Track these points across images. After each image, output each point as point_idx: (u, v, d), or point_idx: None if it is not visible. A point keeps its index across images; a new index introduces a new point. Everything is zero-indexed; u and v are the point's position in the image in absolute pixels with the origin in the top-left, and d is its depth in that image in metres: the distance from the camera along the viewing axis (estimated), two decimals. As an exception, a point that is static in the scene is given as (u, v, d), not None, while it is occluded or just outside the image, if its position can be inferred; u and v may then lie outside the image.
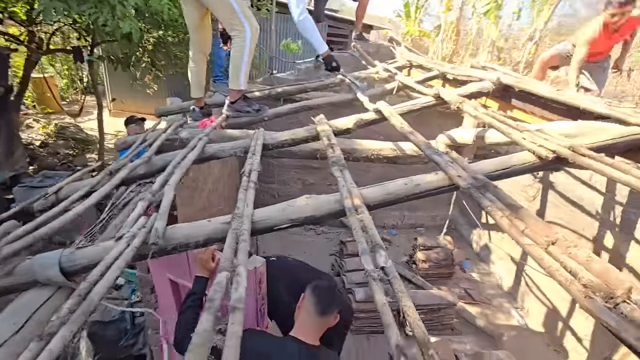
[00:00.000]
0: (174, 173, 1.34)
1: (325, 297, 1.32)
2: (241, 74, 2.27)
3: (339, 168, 1.22)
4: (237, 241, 0.87)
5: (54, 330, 0.64)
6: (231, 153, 1.76)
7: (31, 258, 0.97)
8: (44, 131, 7.03)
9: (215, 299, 0.67)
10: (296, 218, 1.02)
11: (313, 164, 4.63)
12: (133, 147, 2.01)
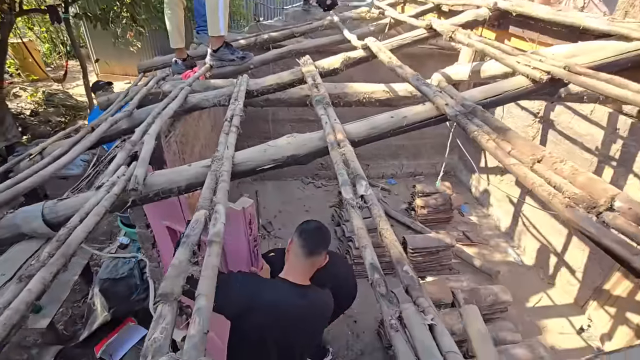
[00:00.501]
0: (155, 122, 1.29)
1: (312, 238, 1.34)
2: (219, 19, 2.12)
3: (323, 106, 1.17)
4: (216, 182, 0.85)
5: (33, 273, 0.64)
6: (215, 102, 1.69)
7: (13, 212, 0.96)
8: (33, 99, 6.83)
9: (191, 234, 0.66)
10: (278, 158, 0.99)
11: (309, 117, 4.52)
12: (115, 103, 1.94)
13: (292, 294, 1.32)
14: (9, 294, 0.60)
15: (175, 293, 0.52)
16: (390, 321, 0.42)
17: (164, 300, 0.51)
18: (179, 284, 0.54)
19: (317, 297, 1.41)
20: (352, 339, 2.77)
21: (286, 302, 1.29)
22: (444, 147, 4.96)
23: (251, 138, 4.48)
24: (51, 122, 6.02)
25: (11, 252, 0.94)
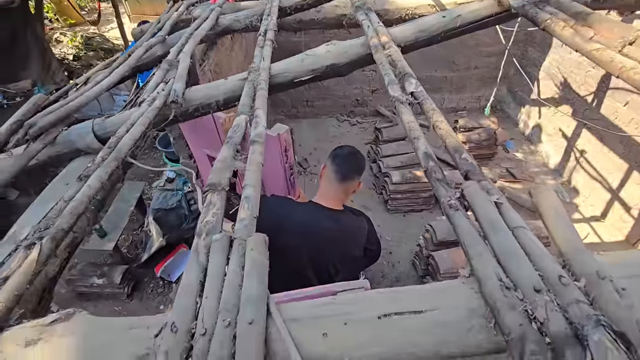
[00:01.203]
0: (188, 42, 1.25)
1: (345, 163, 1.31)
2: None
3: (364, 11, 1.05)
4: (254, 91, 0.82)
5: (90, 173, 0.68)
6: (247, 23, 1.61)
7: (67, 129, 1.01)
8: (73, 44, 7.00)
9: (233, 136, 0.65)
10: (317, 68, 0.93)
11: (343, 49, 4.24)
12: (148, 32, 1.90)
13: (323, 216, 1.32)
14: (72, 191, 0.64)
15: (223, 183, 0.52)
16: (449, 201, 0.40)
17: (213, 190, 0.51)
18: (225, 176, 0.54)
19: (349, 222, 1.42)
20: (387, 268, 2.87)
21: (316, 224, 1.30)
22: (491, 79, 4.54)
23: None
24: (92, 66, 6.19)
25: (71, 166, 1.00)
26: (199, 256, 0.41)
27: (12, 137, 0.89)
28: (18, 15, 4.47)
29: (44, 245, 0.51)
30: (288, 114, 4.74)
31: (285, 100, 4.63)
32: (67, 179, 0.95)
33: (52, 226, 0.56)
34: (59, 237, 0.53)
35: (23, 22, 4.57)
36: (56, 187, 0.92)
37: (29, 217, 0.84)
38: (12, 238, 0.79)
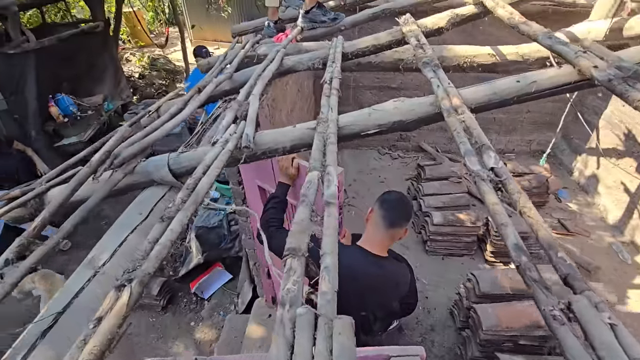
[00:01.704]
0: (257, 84, 1.33)
1: (394, 210, 1.30)
2: None
3: (432, 68, 1.07)
4: (324, 144, 0.85)
5: (172, 215, 0.73)
6: (309, 65, 1.69)
7: (145, 160, 1.10)
8: (140, 64, 7.70)
9: (308, 194, 0.67)
10: (384, 123, 0.95)
11: (392, 84, 4.31)
12: (216, 66, 2.06)
13: (368, 261, 1.31)
14: (156, 232, 0.69)
15: (303, 249, 0.54)
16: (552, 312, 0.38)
17: (293, 255, 0.52)
18: (304, 240, 0.55)
19: (392, 269, 1.39)
20: (422, 314, 2.74)
21: (360, 269, 1.29)
22: (545, 123, 4.37)
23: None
24: (154, 85, 6.75)
25: (144, 195, 1.08)
26: (285, 330, 0.42)
27: (101, 165, 0.98)
28: (100, 38, 5.02)
29: (133, 289, 0.55)
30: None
31: (329, 130, 4.72)
32: (141, 208, 1.03)
33: (139, 268, 0.60)
34: (146, 280, 0.57)
35: (103, 43, 5.11)
36: (131, 216, 0.99)
37: (106, 243, 0.91)
38: (92, 263, 0.85)
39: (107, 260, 0.85)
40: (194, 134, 1.49)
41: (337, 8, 2.86)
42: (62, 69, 4.27)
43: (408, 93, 4.36)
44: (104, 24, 4.95)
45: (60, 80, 4.31)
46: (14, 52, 3.50)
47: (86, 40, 4.66)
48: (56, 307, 0.74)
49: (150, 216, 1.01)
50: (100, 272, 0.82)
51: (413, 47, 1.29)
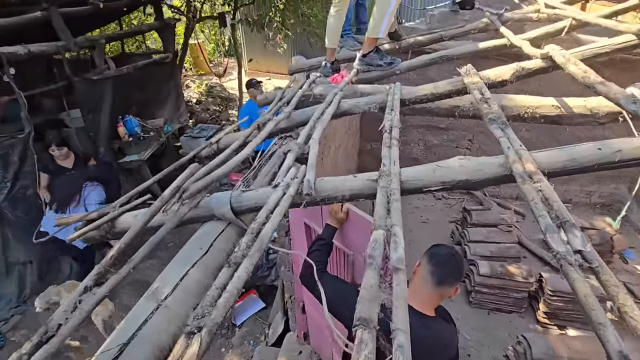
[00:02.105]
0: (316, 127, 1.38)
1: (443, 266, 1.22)
2: (384, 22, 2.12)
3: (499, 126, 1.05)
4: (388, 200, 0.84)
5: (238, 261, 0.75)
6: (365, 109, 1.72)
7: (209, 196, 1.16)
8: (198, 90, 8.35)
9: (374, 255, 0.66)
10: (448, 181, 0.93)
11: (439, 124, 4.26)
12: (274, 103, 2.17)
13: (415, 322, 1.23)
14: (223, 277, 0.71)
15: (374, 320, 0.52)
16: None
17: (364, 326, 0.51)
18: (375, 310, 0.54)
19: (441, 331, 1.30)
20: (464, 375, 2.52)
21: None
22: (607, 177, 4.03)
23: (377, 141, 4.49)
24: (209, 110, 7.24)
25: (204, 229, 1.13)
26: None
27: (171, 199, 1.05)
28: (168, 67, 5.53)
29: (203, 338, 0.56)
30: (372, 178, 4.79)
31: (371, 166, 4.72)
32: (201, 243, 1.07)
33: (208, 316, 0.61)
34: (214, 330, 0.58)
35: (170, 72, 5.62)
36: (192, 250, 1.04)
37: (169, 276, 0.95)
38: (155, 295, 0.89)
39: (169, 293, 0.88)
40: (251, 169, 1.56)
41: (391, 51, 2.94)
42: (133, 93, 4.73)
43: (456, 134, 4.28)
44: (173, 55, 5.47)
45: (130, 104, 4.77)
46: (97, 78, 3.95)
47: (156, 69, 5.16)
48: (121, 338, 0.77)
49: (210, 251, 1.05)
50: (163, 305, 0.85)
51: (477, 100, 1.27)
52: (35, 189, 3.18)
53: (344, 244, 1.55)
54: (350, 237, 1.50)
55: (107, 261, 0.84)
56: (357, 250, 1.51)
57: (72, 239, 1.15)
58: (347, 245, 1.54)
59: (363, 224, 1.39)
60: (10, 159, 3.00)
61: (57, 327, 0.71)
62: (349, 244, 1.53)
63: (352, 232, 1.48)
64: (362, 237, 1.44)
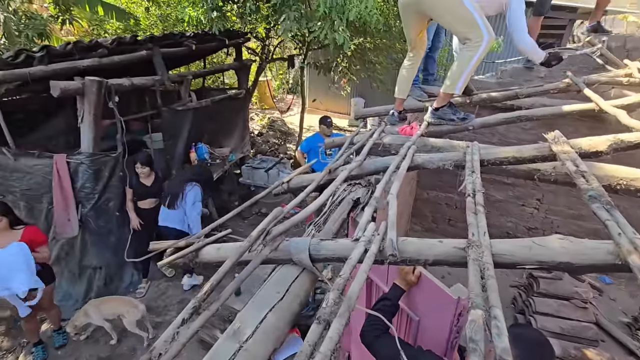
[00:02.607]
0: (394, 183, 1.40)
1: (530, 354, 1.11)
2: (461, 79, 2.14)
3: (603, 206, 0.98)
4: (482, 275, 0.81)
5: (326, 317, 0.76)
6: (439, 165, 1.71)
7: (288, 240, 1.20)
8: (261, 123, 8.92)
9: (476, 339, 0.63)
10: (547, 261, 0.87)
11: (504, 179, 4.06)
12: (343, 149, 2.24)
13: None
14: (313, 335, 0.72)
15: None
16: None
17: None
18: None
19: None
20: None
21: None
22: None
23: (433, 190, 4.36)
24: (269, 143, 7.65)
25: (281, 273, 1.17)
26: None
27: (256, 241, 1.11)
28: (239, 101, 6.02)
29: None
30: (425, 227, 4.63)
31: (426, 214, 4.57)
32: (278, 287, 1.10)
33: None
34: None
35: (240, 105, 6.10)
36: (269, 294, 1.07)
37: (248, 318, 0.98)
38: (236, 336, 0.92)
39: (249, 336, 0.91)
40: (322, 214, 1.60)
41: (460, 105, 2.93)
42: (207, 123, 5.19)
43: (523, 191, 4.04)
44: (246, 91, 5.97)
45: (203, 132, 5.22)
46: (181, 109, 4.42)
47: (229, 102, 5.65)
48: (207, 376, 0.80)
49: (286, 296, 1.07)
50: (244, 347, 0.88)
51: (571, 172, 1.21)
52: (117, 202, 3.55)
53: (409, 307, 1.49)
54: (418, 301, 1.44)
55: (202, 297, 0.90)
56: (424, 316, 1.43)
57: (162, 265, 1.25)
58: (413, 309, 1.47)
59: (435, 293, 1.33)
60: (101, 174, 3.40)
61: (158, 357, 0.76)
62: (415, 308, 1.47)
63: (421, 297, 1.42)
64: (431, 304, 1.37)
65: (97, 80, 3.13)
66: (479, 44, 1.94)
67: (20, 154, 3.25)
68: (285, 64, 9.95)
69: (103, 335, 3.24)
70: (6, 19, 4.40)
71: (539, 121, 3.46)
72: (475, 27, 1.91)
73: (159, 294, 3.82)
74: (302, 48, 6.75)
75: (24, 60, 3.00)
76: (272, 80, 11.31)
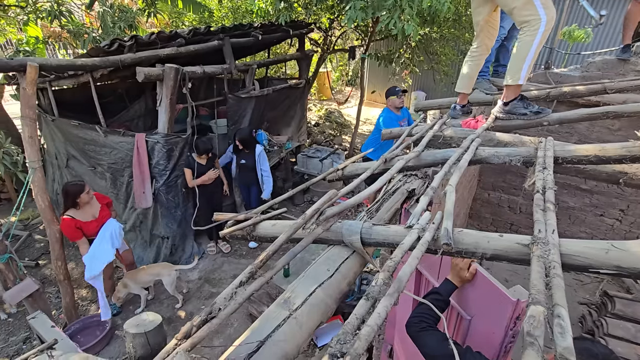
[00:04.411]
0: (453, 174, 1.34)
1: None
2: (524, 67, 1.98)
3: None
4: (547, 273, 0.76)
5: (375, 296, 0.77)
6: (506, 160, 1.60)
7: (341, 222, 1.23)
8: (318, 114, 9.03)
9: (535, 334, 0.60)
10: (627, 267, 0.79)
11: (580, 184, 3.65)
12: (400, 139, 2.20)
13: None
14: (362, 309, 0.74)
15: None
16: None
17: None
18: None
19: None
20: None
21: None
22: None
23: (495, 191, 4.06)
24: (325, 133, 7.73)
25: (332, 252, 1.20)
26: None
27: (310, 220, 1.15)
28: (299, 91, 6.15)
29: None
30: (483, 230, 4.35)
31: (485, 215, 4.30)
32: (328, 264, 1.14)
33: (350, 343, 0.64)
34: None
35: (300, 95, 6.23)
36: (320, 270, 1.11)
37: (299, 289, 1.03)
38: (287, 304, 0.98)
39: (299, 306, 0.96)
40: (375, 202, 1.60)
41: (535, 99, 2.68)
42: (267, 111, 5.40)
43: (603, 199, 3.60)
44: (305, 82, 6.08)
45: (263, 120, 5.45)
46: (245, 96, 4.66)
47: (289, 92, 5.81)
48: (259, 335, 0.87)
49: (335, 275, 1.10)
50: (293, 316, 0.93)
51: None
52: (184, 180, 3.90)
53: (461, 305, 1.43)
54: (472, 299, 1.38)
55: (257, 265, 0.97)
56: (477, 316, 1.37)
57: (223, 234, 1.36)
58: (465, 307, 1.41)
59: (492, 292, 1.26)
60: (173, 153, 3.74)
61: (218, 310, 0.84)
62: (468, 307, 1.40)
63: (476, 295, 1.35)
64: (486, 304, 1.31)
65: (174, 67, 3.42)
66: (537, 27, 1.77)
67: (109, 132, 3.70)
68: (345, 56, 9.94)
69: (167, 298, 3.61)
70: (104, 12, 4.99)
71: (630, 121, 3.06)
72: (531, 6, 1.75)
73: (215, 267, 4.13)
74: (364, 39, 6.66)
75: (116, 48, 3.40)
76: (331, 71, 11.35)
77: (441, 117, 2.43)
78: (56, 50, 8.60)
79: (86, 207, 3.09)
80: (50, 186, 4.59)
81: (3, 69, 2.72)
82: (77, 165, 4.16)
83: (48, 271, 4.18)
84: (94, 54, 3.44)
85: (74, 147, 4.06)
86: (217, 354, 1.17)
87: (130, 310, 3.59)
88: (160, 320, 1.10)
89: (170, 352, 0.78)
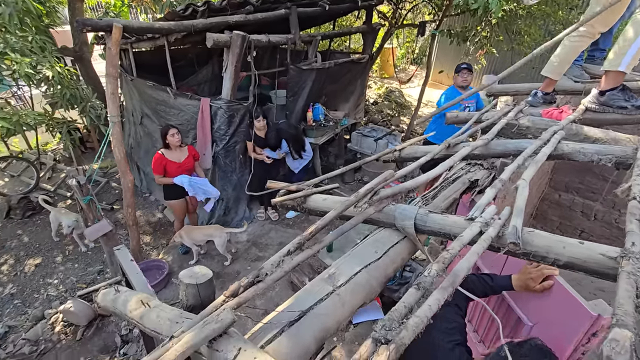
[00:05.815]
0: (528, 168, 1.20)
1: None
2: (629, 52, 1.67)
3: None
4: (638, 294, 0.65)
5: (427, 287, 0.72)
6: (593, 159, 1.40)
7: (394, 205, 1.17)
8: (378, 92, 8.73)
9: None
10: None
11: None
12: (467, 125, 2.03)
13: None
14: (411, 298, 0.70)
15: None
16: None
17: None
18: None
19: None
20: None
21: None
22: None
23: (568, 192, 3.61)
24: (382, 113, 7.48)
25: (381, 234, 1.16)
26: None
27: (362, 199, 1.12)
28: (361, 66, 5.96)
29: (391, 354, 0.56)
30: (547, 233, 3.97)
31: (552, 218, 3.90)
32: (377, 247, 1.10)
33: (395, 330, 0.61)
34: (401, 350, 0.58)
35: (361, 71, 6.04)
36: (367, 251, 1.08)
37: (344, 267, 1.01)
38: (331, 279, 0.97)
39: (343, 283, 0.95)
40: (433, 188, 1.51)
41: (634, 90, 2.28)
42: (327, 85, 5.33)
43: None
44: (369, 57, 5.85)
45: (322, 94, 5.39)
46: (306, 68, 4.62)
47: (351, 66, 5.65)
48: (302, 305, 0.87)
49: (382, 258, 1.07)
50: (337, 292, 0.92)
51: None
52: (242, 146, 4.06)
53: (523, 309, 1.32)
54: (541, 306, 1.25)
55: (306, 236, 0.96)
56: (544, 324, 1.25)
57: (275, 202, 1.39)
58: (529, 311, 1.29)
59: (568, 302, 1.12)
60: (234, 119, 3.88)
61: (265, 275, 0.85)
62: (533, 312, 1.28)
63: (548, 302, 1.22)
64: (558, 314, 1.18)
65: (241, 34, 3.48)
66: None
67: (179, 94, 3.93)
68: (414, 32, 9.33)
69: (218, 254, 3.88)
70: (180, -23, 5.18)
71: None
72: None
73: (263, 233, 4.32)
74: (437, 14, 6.16)
75: (190, 13, 3.52)
76: (397, 48, 10.79)
77: (516, 104, 2.19)
78: (138, 14, 9.25)
79: (176, 150, 3.48)
80: (126, 140, 5.07)
81: (94, 28, 2.98)
82: (149, 123, 4.52)
83: (120, 215, 4.70)
84: (170, 18, 3.61)
85: (147, 106, 4.40)
86: (258, 314, 1.22)
87: (185, 259, 3.93)
88: (211, 275, 1.17)
89: (218, 306, 0.81)
